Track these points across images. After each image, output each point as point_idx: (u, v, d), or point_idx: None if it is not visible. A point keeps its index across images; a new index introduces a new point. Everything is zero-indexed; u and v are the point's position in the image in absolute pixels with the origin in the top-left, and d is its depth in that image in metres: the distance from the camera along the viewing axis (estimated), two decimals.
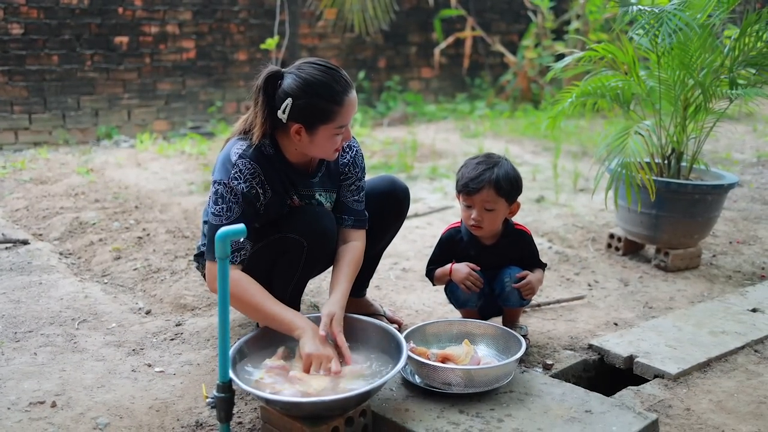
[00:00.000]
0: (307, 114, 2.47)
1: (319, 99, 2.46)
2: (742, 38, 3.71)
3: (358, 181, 2.81)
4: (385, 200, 2.91)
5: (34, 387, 2.55)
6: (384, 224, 2.95)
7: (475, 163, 2.80)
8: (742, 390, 2.63)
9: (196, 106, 7.84)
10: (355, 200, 2.80)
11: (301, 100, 2.46)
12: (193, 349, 2.91)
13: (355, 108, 2.54)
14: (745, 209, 5.21)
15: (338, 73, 2.51)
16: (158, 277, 3.69)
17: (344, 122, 2.52)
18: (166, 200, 5.06)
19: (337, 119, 2.49)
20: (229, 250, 2.00)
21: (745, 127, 8.34)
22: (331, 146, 2.55)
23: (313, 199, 2.73)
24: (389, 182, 2.95)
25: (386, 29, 8.61)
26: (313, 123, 2.49)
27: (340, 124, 2.51)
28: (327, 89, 2.46)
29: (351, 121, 2.58)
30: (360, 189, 2.82)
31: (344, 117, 2.51)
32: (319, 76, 2.48)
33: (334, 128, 2.50)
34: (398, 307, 3.37)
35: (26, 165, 5.93)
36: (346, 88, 2.50)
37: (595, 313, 3.36)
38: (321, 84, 2.46)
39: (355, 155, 2.81)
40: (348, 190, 2.79)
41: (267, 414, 2.27)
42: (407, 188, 2.99)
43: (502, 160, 2.83)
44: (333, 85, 2.47)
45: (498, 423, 2.26)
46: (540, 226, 4.66)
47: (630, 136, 3.63)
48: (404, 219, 3.03)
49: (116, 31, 7.26)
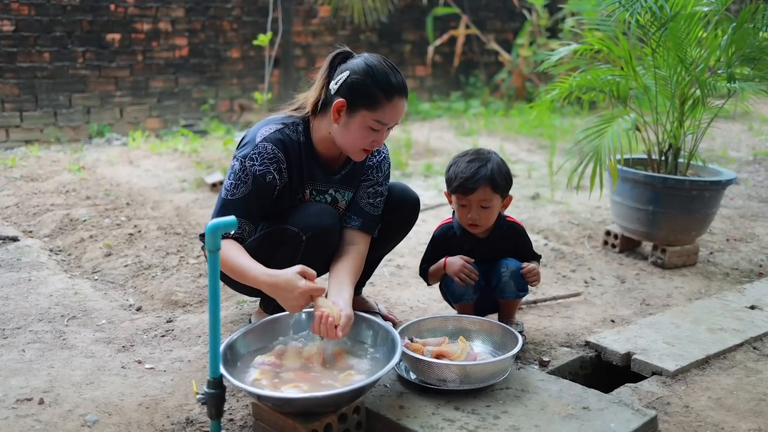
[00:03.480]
0: (356, 92, 2.48)
1: (373, 82, 2.47)
2: (738, 32, 3.68)
3: (378, 185, 2.77)
4: (395, 209, 2.86)
5: (21, 384, 2.50)
6: (390, 232, 2.90)
7: (467, 161, 2.75)
8: (742, 387, 2.59)
9: (188, 104, 7.79)
10: (369, 203, 2.76)
11: (357, 77, 2.48)
12: (183, 346, 2.86)
13: (400, 114, 2.53)
14: (742, 207, 5.19)
15: (400, 75, 2.53)
16: (149, 273, 3.65)
17: (385, 119, 2.49)
18: (158, 197, 5.02)
19: (379, 111, 2.48)
20: (219, 243, 1.96)
21: (741, 125, 8.33)
22: (361, 139, 2.52)
23: (327, 195, 2.71)
24: (400, 191, 2.89)
25: (385, 21, 8.58)
26: (356, 104, 2.48)
27: (379, 119, 2.48)
28: (384, 78, 2.48)
29: (387, 130, 2.56)
30: (377, 194, 2.77)
31: (387, 114, 2.49)
32: (383, 67, 2.51)
33: (372, 119, 2.48)
34: (392, 304, 3.33)
35: (17, 163, 5.88)
36: (401, 90, 2.50)
37: (591, 310, 3.32)
38: (382, 72, 2.49)
39: (382, 160, 2.80)
40: (365, 192, 2.76)
41: (258, 410, 2.23)
42: (418, 199, 2.94)
43: (492, 154, 2.79)
44: (391, 78, 2.49)
45: (494, 420, 2.22)
46: (536, 223, 4.63)
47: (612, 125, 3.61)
48: (411, 228, 2.99)
49: (108, 28, 7.21)
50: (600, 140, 3.55)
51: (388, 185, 2.85)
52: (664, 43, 3.72)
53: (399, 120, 2.55)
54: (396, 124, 2.56)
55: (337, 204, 2.75)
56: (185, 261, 3.80)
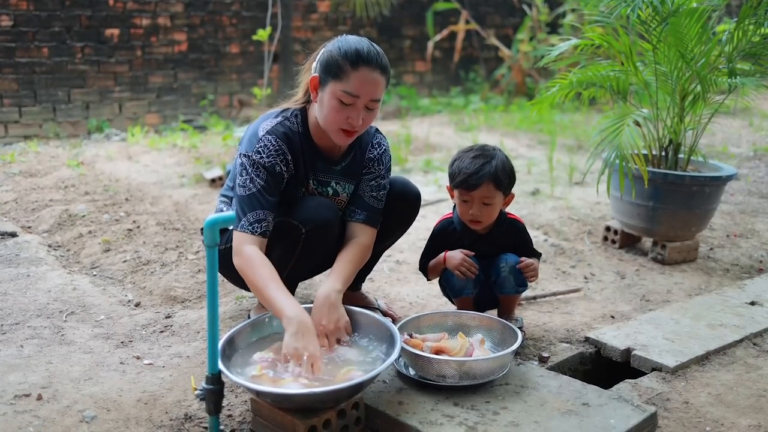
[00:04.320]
0: (325, 65, 2.47)
1: (339, 52, 2.45)
2: (740, 27, 3.66)
3: (380, 178, 2.76)
4: (396, 203, 2.84)
5: (19, 380, 2.49)
6: (391, 226, 2.88)
7: (471, 157, 2.73)
8: (741, 383, 2.59)
9: (188, 100, 7.78)
10: (372, 196, 2.74)
11: (328, 50, 2.49)
12: (182, 342, 2.86)
13: (370, 86, 2.44)
14: (742, 203, 5.18)
15: (373, 49, 2.48)
16: (148, 269, 3.64)
17: (351, 89, 2.42)
18: (157, 193, 5.01)
19: (344, 80, 2.42)
20: (217, 238, 1.95)
21: (741, 121, 8.32)
22: (334, 114, 2.46)
23: (329, 187, 2.71)
24: (402, 185, 2.87)
25: (387, 14, 8.56)
26: (326, 76, 2.47)
27: (346, 89, 2.42)
28: (351, 50, 2.44)
29: (367, 110, 2.47)
30: (380, 187, 2.75)
31: (353, 83, 2.42)
32: (355, 41, 2.48)
33: (340, 90, 2.43)
34: (392, 300, 3.32)
35: (15, 158, 5.87)
36: (369, 61, 2.44)
37: (591, 305, 3.32)
38: (349, 45, 2.46)
39: (383, 153, 2.78)
40: (367, 185, 2.74)
41: (257, 406, 2.23)
42: (419, 193, 2.93)
43: (497, 151, 2.77)
44: (359, 49, 2.45)
45: (493, 416, 2.21)
46: (535, 218, 4.62)
47: (626, 124, 3.58)
48: (412, 223, 2.97)
49: (107, 24, 7.19)
50: (619, 140, 3.50)
51: (389, 178, 2.84)
52: (665, 39, 3.70)
53: (374, 95, 2.45)
54: (371, 99, 2.47)
55: (339, 197, 2.74)
56: (184, 257, 3.79)
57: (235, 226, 2.51)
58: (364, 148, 2.76)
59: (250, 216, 2.48)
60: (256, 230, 2.49)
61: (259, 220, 2.49)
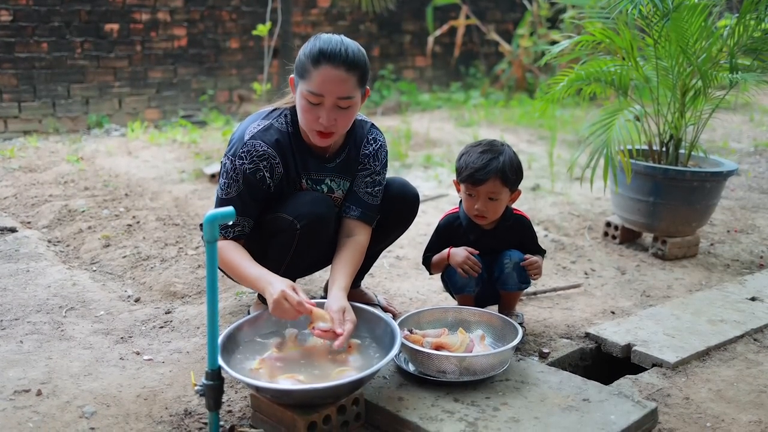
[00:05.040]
0: (296, 65, 2.50)
1: (304, 53, 2.45)
2: (741, 22, 3.65)
3: (376, 174, 2.74)
4: (394, 203, 2.83)
5: (19, 375, 2.49)
6: (389, 227, 2.88)
7: (479, 152, 2.72)
8: (742, 379, 2.58)
9: (187, 95, 7.76)
10: (368, 192, 2.73)
11: (300, 52, 2.49)
12: (182, 337, 2.85)
13: (334, 84, 2.39)
14: (742, 198, 5.18)
15: (341, 46, 2.42)
16: (148, 264, 3.63)
17: (313, 88, 2.39)
18: (156, 188, 5.00)
19: (308, 79, 2.41)
20: (217, 234, 1.95)
21: (742, 116, 8.31)
22: (305, 114, 2.46)
23: (323, 185, 2.69)
24: (400, 185, 2.86)
25: (393, 9, 8.54)
26: (297, 77, 2.48)
27: (309, 88, 2.40)
28: (315, 49, 2.42)
29: (338, 109, 2.43)
30: (376, 183, 2.74)
31: (314, 82, 2.39)
32: (324, 39, 2.45)
33: (306, 89, 2.42)
34: (392, 295, 3.32)
35: (15, 153, 5.86)
36: (333, 59, 2.39)
37: (591, 301, 3.31)
38: (315, 44, 2.44)
39: (379, 149, 2.76)
40: (362, 181, 2.73)
41: (257, 402, 2.22)
42: (417, 194, 2.91)
43: (505, 147, 2.76)
44: (322, 48, 2.41)
45: (494, 411, 2.21)
46: (536, 214, 4.62)
47: (618, 118, 3.58)
48: (411, 223, 2.95)
49: (106, 18, 7.18)
50: (608, 134, 3.51)
51: (386, 174, 2.82)
52: (666, 34, 3.69)
53: (340, 93, 2.40)
54: (339, 97, 2.41)
55: (333, 194, 2.72)
56: (184, 252, 3.78)
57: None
58: (359, 144, 2.74)
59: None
60: (228, 234, 2.55)
61: (233, 224, 2.55)
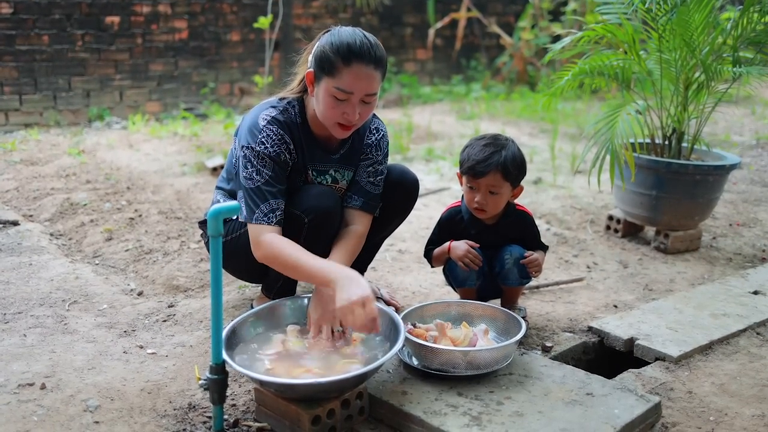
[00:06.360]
0: (319, 60, 2.46)
1: (331, 48, 2.43)
2: (744, 15, 3.64)
3: (378, 164, 2.74)
4: (394, 190, 2.82)
5: (23, 369, 2.49)
6: (390, 213, 2.87)
7: (482, 144, 2.72)
8: (745, 373, 2.59)
9: (188, 88, 7.75)
10: (370, 182, 2.73)
11: (322, 45, 2.47)
12: (185, 331, 2.85)
13: (363, 82, 2.42)
14: (744, 191, 5.17)
15: (366, 42, 2.44)
16: (150, 258, 3.63)
17: (344, 86, 2.41)
18: (158, 181, 4.99)
19: (337, 77, 2.41)
20: (221, 228, 1.95)
21: (744, 109, 8.30)
22: (329, 110, 2.46)
23: (327, 175, 2.69)
24: (399, 172, 2.86)
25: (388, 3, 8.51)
26: (320, 72, 2.46)
27: (339, 86, 2.41)
28: (344, 45, 2.42)
29: (363, 103, 2.45)
30: (378, 173, 2.74)
31: (345, 80, 2.41)
32: (348, 34, 2.45)
33: (333, 87, 2.42)
34: (395, 289, 3.32)
35: (17, 146, 5.85)
36: (362, 56, 2.41)
37: (594, 295, 3.31)
38: (342, 39, 2.44)
39: (381, 138, 2.76)
40: (365, 171, 2.73)
41: (261, 396, 2.22)
42: (417, 180, 2.90)
43: (509, 142, 2.76)
44: (350, 45, 2.42)
45: (497, 405, 2.21)
46: (538, 207, 4.61)
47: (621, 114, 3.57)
48: (411, 210, 2.95)
49: (107, 11, 7.16)
50: (611, 131, 3.49)
51: (387, 164, 2.82)
52: (670, 28, 3.68)
53: (369, 90, 2.44)
54: (366, 94, 2.44)
55: (338, 184, 2.72)
56: (186, 245, 3.78)
57: (249, 219, 2.50)
58: (362, 134, 2.74)
59: (264, 207, 2.47)
60: (271, 220, 2.49)
61: (273, 209, 2.49)
